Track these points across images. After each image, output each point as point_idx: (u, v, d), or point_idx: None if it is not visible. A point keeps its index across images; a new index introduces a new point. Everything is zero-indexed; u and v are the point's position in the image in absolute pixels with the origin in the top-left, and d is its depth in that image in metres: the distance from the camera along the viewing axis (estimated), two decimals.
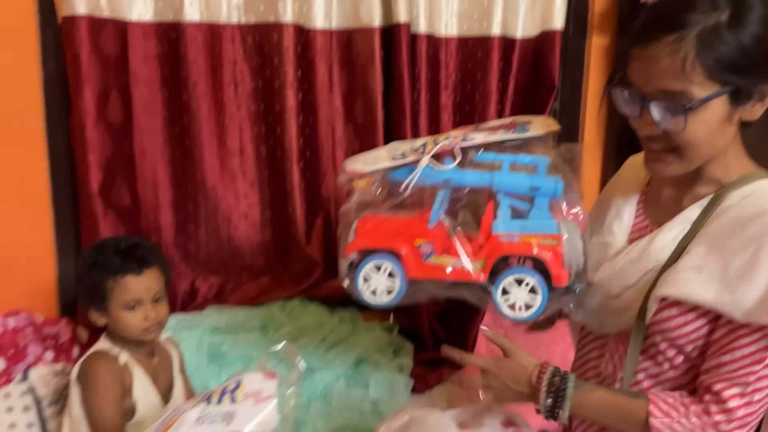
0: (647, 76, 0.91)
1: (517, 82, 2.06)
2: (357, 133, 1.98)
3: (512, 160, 1.02)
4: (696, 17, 0.86)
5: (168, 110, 1.85)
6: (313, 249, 1.99)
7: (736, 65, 0.87)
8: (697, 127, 0.90)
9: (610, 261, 1.04)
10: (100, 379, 1.37)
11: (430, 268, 1.02)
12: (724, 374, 0.91)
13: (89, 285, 1.37)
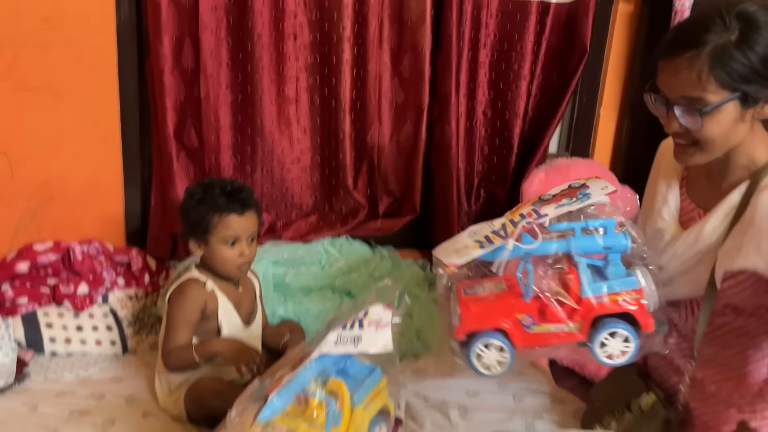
0: (671, 84, 1.10)
1: (549, 44, 2.21)
2: (402, 86, 2.13)
3: (583, 225, 1.13)
4: (710, 37, 1.05)
5: (232, 58, 1.97)
6: (359, 193, 2.17)
7: (743, 76, 1.05)
8: (712, 126, 1.10)
9: (671, 246, 1.24)
10: (185, 300, 1.56)
11: (534, 337, 1.14)
12: None
13: (195, 218, 1.54)
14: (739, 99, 1.08)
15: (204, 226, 1.54)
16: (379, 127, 2.15)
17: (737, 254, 1.12)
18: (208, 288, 1.59)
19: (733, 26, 1.05)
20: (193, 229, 1.56)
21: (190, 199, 1.56)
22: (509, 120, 2.22)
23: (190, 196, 1.56)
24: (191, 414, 1.51)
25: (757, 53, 1.05)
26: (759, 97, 1.08)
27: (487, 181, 2.30)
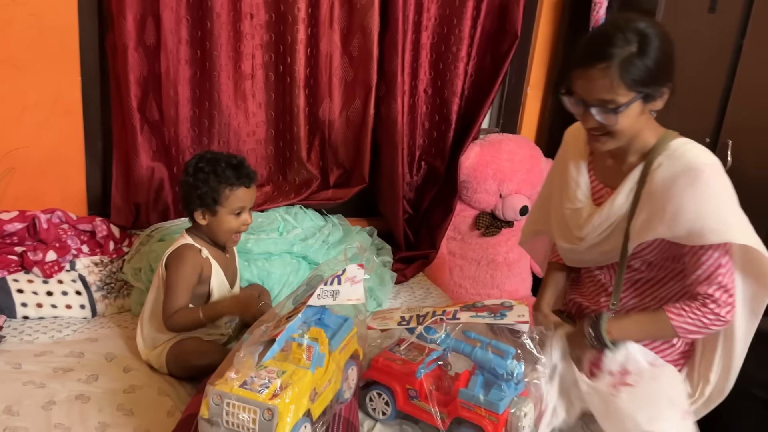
0: (588, 90, 1.34)
1: (484, 29, 2.42)
2: (352, 65, 2.28)
3: (488, 342, 1.39)
4: (616, 51, 1.29)
5: (192, 36, 2.07)
6: (312, 165, 2.33)
7: (645, 80, 1.30)
8: (623, 120, 1.35)
9: (588, 221, 1.50)
10: (184, 265, 1.66)
11: (413, 407, 1.45)
12: (703, 281, 1.37)
13: (205, 190, 1.63)
14: (642, 99, 1.34)
15: (214, 198, 1.64)
16: (330, 103, 2.31)
17: (646, 228, 1.39)
18: (203, 254, 1.70)
19: (632, 40, 1.29)
20: (202, 201, 1.64)
21: (198, 173, 1.64)
22: (448, 98, 2.42)
23: (198, 170, 1.64)
24: (172, 370, 1.65)
25: (652, 60, 1.30)
26: (656, 95, 1.35)
27: (427, 153, 2.50)
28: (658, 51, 1.31)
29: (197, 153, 1.76)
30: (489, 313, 1.44)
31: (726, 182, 1.39)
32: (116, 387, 1.59)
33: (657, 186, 1.38)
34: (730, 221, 1.35)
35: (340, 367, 1.35)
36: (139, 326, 1.75)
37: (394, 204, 2.39)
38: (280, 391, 1.17)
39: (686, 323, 1.39)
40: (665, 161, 1.39)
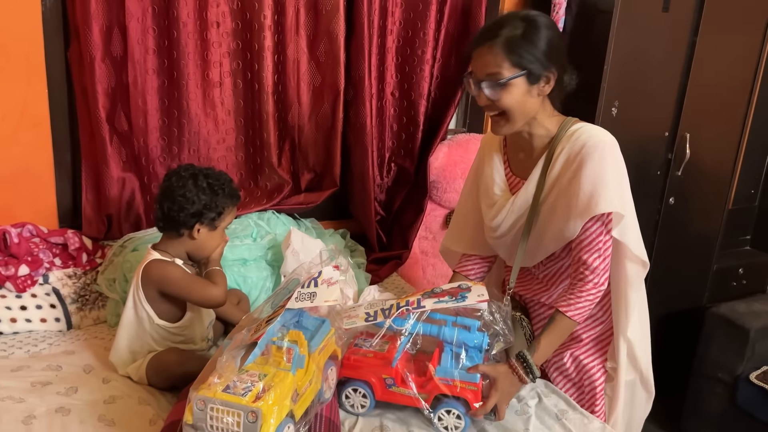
0: (479, 66, 1.47)
1: (448, 31, 2.47)
2: (319, 70, 2.31)
3: (454, 320, 1.49)
4: (503, 31, 1.43)
5: (158, 45, 2.07)
6: (283, 169, 2.35)
7: (527, 60, 1.43)
8: (507, 97, 1.46)
9: (505, 209, 1.62)
10: (171, 271, 1.64)
11: (392, 394, 1.49)
12: (584, 248, 1.51)
13: (211, 205, 1.63)
14: (525, 76, 1.45)
15: (218, 214, 1.65)
16: (299, 108, 2.33)
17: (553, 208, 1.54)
18: (178, 263, 1.68)
19: (519, 26, 1.44)
20: (204, 216, 1.64)
21: (207, 188, 1.63)
22: (415, 100, 2.47)
23: (207, 186, 1.64)
24: (152, 381, 1.65)
25: (536, 44, 1.44)
26: (539, 75, 1.46)
27: (397, 155, 2.54)
28: (543, 38, 1.45)
29: (186, 166, 1.71)
30: (450, 297, 1.52)
31: (620, 159, 1.53)
32: (96, 398, 1.59)
33: (560, 168, 1.52)
34: (621, 193, 1.49)
35: (320, 367, 1.38)
36: (116, 342, 1.73)
37: (366, 206, 2.43)
38: (263, 394, 1.20)
39: (578, 309, 1.54)
40: (567, 144, 1.53)
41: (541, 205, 1.57)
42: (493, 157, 1.69)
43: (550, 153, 1.55)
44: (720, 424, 2.53)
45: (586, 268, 1.52)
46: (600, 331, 1.72)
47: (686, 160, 2.59)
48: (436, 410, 1.46)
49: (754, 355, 2.44)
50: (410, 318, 1.47)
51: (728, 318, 2.49)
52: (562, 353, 1.75)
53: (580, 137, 1.51)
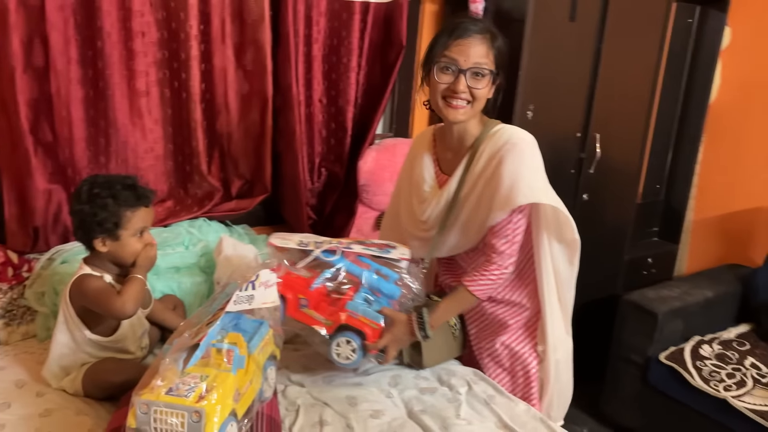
0: (467, 55, 1.59)
1: (371, 40, 2.56)
2: (247, 78, 2.35)
3: (378, 268, 1.65)
4: (491, 29, 1.63)
5: (82, 56, 2.06)
6: (213, 177, 2.37)
7: (499, 60, 1.63)
8: (484, 87, 1.62)
9: (434, 201, 1.78)
10: (95, 287, 1.63)
11: (302, 314, 1.61)
12: (495, 234, 1.68)
13: (105, 215, 1.60)
14: (495, 76, 1.64)
15: (116, 222, 1.61)
16: (227, 116, 2.36)
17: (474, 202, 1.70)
18: (107, 280, 1.67)
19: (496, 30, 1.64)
20: (102, 227, 1.61)
21: (95, 199, 1.60)
22: (342, 106, 2.54)
23: (94, 196, 1.60)
24: (90, 392, 1.64)
25: (504, 50, 1.64)
26: (497, 77, 1.65)
27: (326, 160, 2.61)
28: (505, 47, 1.66)
29: (85, 179, 1.70)
30: (377, 249, 1.69)
31: (537, 156, 1.68)
32: (31, 412, 1.58)
33: (483, 165, 1.68)
34: (538, 185, 1.65)
35: (259, 367, 1.43)
36: (51, 354, 1.71)
37: (298, 211, 2.48)
38: (206, 394, 1.24)
39: (481, 286, 1.70)
40: (488, 144, 1.68)
41: (464, 199, 1.71)
42: (424, 157, 1.82)
43: (474, 151, 1.70)
44: (635, 402, 2.72)
45: (494, 252, 1.68)
46: (527, 317, 1.85)
47: (597, 158, 2.77)
48: (335, 338, 1.60)
49: (662, 337, 2.64)
50: (338, 254, 1.64)
51: (639, 304, 2.68)
52: (493, 341, 1.86)
53: (502, 136, 1.67)
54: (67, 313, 1.68)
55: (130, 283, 1.63)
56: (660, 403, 2.61)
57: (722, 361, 2.57)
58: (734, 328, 2.82)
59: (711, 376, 2.47)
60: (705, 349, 2.64)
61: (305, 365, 1.86)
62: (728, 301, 2.89)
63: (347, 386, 1.75)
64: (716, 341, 2.71)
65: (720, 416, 2.36)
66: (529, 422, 1.65)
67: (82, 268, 1.69)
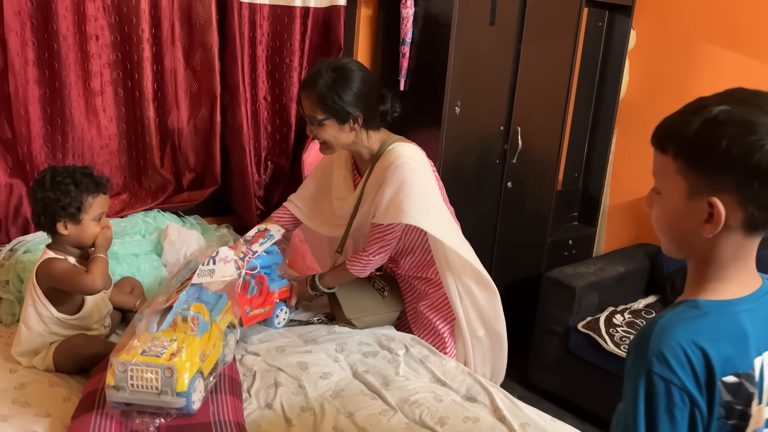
0: (303, 107, 1.93)
1: (312, 42, 2.76)
2: (196, 78, 2.51)
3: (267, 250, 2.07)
4: (319, 81, 1.87)
5: (39, 57, 2.19)
6: (166, 170, 2.53)
7: (332, 107, 1.87)
8: (324, 132, 1.93)
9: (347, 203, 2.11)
10: (56, 265, 1.77)
11: (252, 317, 2.00)
12: (372, 232, 2.02)
13: (67, 201, 1.74)
14: (334, 118, 1.89)
15: (78, 207, 1.76)
16: (178, 113, 2.52)
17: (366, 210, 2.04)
18: (71, 262, 1.82)
19: (329, 76, 1.87)
20: (65, 211, 1.75)
21: (59, 186, 1.74)
22: (286, 103, 2.73)
23: (57, 183, 1.75)
24: (61, 366, 1.79)
25: (342, 93, 1.87)
26: (346, 117, 1.90)
27: (272, 154, 2.80)
28: (349, 87, 1.87)
29: (45, 169, 1.83)
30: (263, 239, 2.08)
31: (421, 177, 1.95)
32: (6, 386, 1.71)
33: (374, 179, 1.99)
34: (408, 207, 1.90)
35: (221, 333, 1.62)
36: (18, 337, 1.84)
37: (246, 201, 2.66)
38: (176, 353, 1.43)
39: (353, 265, 2.06)
40: (381, 160, 1.99)
41: (360, 207, 2.06)
42: (343, 159, 2.13)
43: (372, 165, 2.00)
44: (557, 369, 3.02)
45: (369, 246, 2.03)
46: (435, 298, 2.17)
47: (519, 149, 3.05)
48: (275, 313, 2.09)
49: (580, 308, 2.95)
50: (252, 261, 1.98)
51: (559, 280, 2.98)
52: (415, 306, 2.19)
53: (389, 158, 1.94)
54: (34, 295, 1.82)
55: (95, 262, 1.79)
56: (579, 367, 2.91)
57: (632, 328, 2.89)
58: (643, 299, 3.16)
59: (622, 341, 2.79)
60: (617, 318, 2.96)
61: (260, 338, 2.05)
62: (638, 276, 3.23)
63: (298, 353, 1.96)
64: (627, 311, 3.03)
65: None
66: (458, 376, 1.89)
67: (46, 253, 1.83)
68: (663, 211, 1.01)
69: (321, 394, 1.78)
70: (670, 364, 0.90)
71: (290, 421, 1.65)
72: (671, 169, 0.97)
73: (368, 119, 1.94)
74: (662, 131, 1.01)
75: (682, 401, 0.91)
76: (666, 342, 0.92)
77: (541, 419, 1.70)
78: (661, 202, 1.01)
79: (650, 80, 3.52)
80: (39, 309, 1.82)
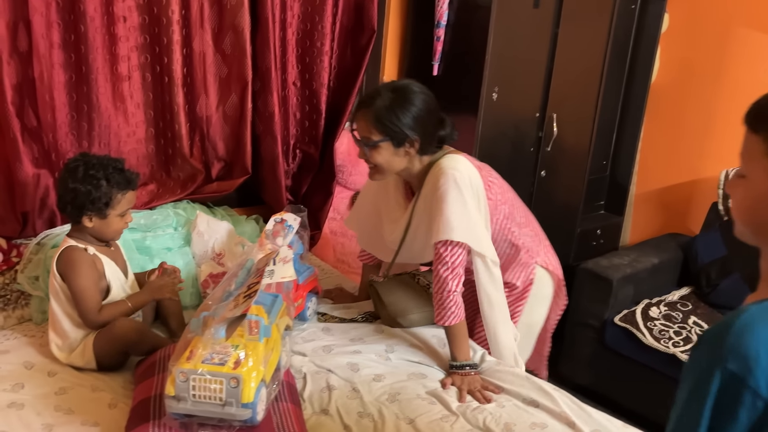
0: (358, 128, 1.80)
1: (342, 24, 2.63)
2: (225, 62, 2.39)
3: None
4: (376, 102, 1.76)
5: (64, 40, 2.06)
6: (195, 159, 2.41)
7: (390, 129, 1.75)
8: (377, 155, 1.79)
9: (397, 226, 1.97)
10: (81, 265, 1.73)
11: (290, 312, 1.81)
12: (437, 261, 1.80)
13: (97, 195, 1.69)
14: (390, 141, 1.76)
15: (107, 203, 1.71)
16: (206, 100, 2.40)
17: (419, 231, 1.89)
18: (90, 252, 1.76)
19: (388, 96, 1.76)
20: (94, 205, 1.70)
21: (90, 179, 1.69)
22: (316, 89, 2.62)
23: (90, 177, 1.69)
24: (103, 359, 1.71)
25: (398, 116, 1.75)
26: (403, 141, 1.77)
27: (301, 142, 2.68)
28: (408, 110, 1.75)
29: (76, 156, 1.79)
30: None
31: (467, 189, 1.79)
32: (46, 391, 1.62)
33: (423, 197, 1.86)
34: (453, 224, 1.76)
35: (280, 335, 1.53)
36: (51, 334, 1.77)
37: (277, 192, 2.55)
38: (242, 361, 1.33)
39: (449, 316, 1.80)
40: (429, 176, 1.84)
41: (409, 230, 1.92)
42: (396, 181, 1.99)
43: (421, 184, 1.87)
44: (591, 363, 2.95)
45: (439, 279, 1.81)
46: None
47: (554, 137, 2.96)
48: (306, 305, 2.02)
49: (617, 301, 2.87)
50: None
51: (595, 272, 2.90)
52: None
53: (436, 174, 1.81)
54: (57, 285, 1.75)
55: (119, 308, 1.75)
56: (614, 361, 2.84)
57: (669, 321, 2.82)
58: (677, 291, 3.09)
59: (661, 334, 2.72)
60: (653, 311, 2.89)
61: (303, 337, 1.96)
62: (671, 267, 3.15)
63: (347, 354, 1.87)
64: (662, 303, 2.96)
65: (669, 370, 2.61)
66: (516, 380, 1.81)
67: (66, 241, 1.78)
68: (745, 194, 0.94)
69: (377, 398, 1.69)
70: (748, 364, 0.83)
71: (349, 428, 1.57)
72: (760, 150, 0.90)
73: (425, 144, 1.81)
74: (758, 109, 0.93)
75: (752, 404, 0.83)
76: (747, 340, 0.84)
77: (612, 425, 1.62)
78: (744, 186, 0.94)
79: (682, 65, 3.42)
80: (60, 298, 1.75)
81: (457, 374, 1.79)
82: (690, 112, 3.39)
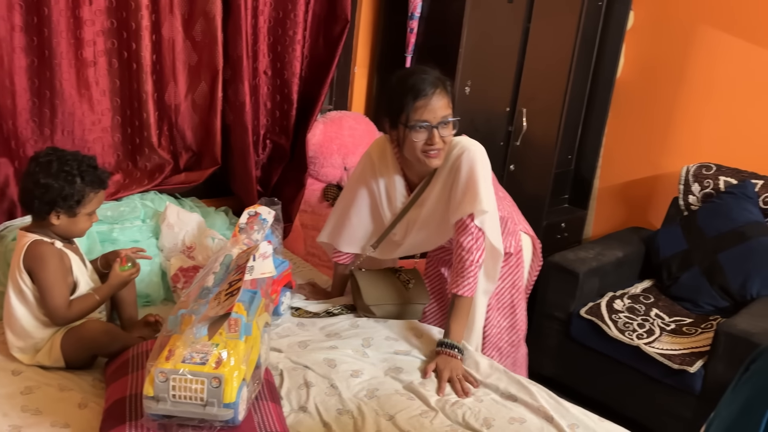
0: (435, 110, 1.74)
1: (315, 13, 2.59)
2: (195, 49, 2.32)
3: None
4: (442, 80, 1.78)
5: (27, 22, 1.96)
6: (163, 149, 2.34)
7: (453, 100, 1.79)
8: (450, 134, 1.79)
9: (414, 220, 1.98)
10: (50, 259, 1.64)
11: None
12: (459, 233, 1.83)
13: (69, 192, 1.61)
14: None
15: (78, 200, 1.63)
16: (175, 88, 2.33)
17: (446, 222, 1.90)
18: (57, 246, 1.68)
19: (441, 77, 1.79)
20: (65, 202, 1.62)
21: (65, 176, 1.61)
22: (288, 79, 2.57)
23: (63, 173, 1.61)
24: (71, 358, 1.65)
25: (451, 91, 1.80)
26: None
27: (272, 132, 2.63)
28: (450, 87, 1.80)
29: (47, 151, 1.69)
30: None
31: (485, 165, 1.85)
32: (11, 391, 1.55)
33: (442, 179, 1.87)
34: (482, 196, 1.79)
35: (259, 333, 1.49)
36: (10, 336, 1.68)
37: (247, 183, 2.50)
38: (224, 360, 1.30)
39: (467, 286, 1.83)
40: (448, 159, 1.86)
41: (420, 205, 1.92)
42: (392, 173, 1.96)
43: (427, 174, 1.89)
44: (556, 354, 3.00)
45: (463, 250, 1.82)
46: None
47: (523, 131, 2.98)
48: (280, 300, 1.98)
49: (582, 294, 2.92)
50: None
51: (561, 265, 2.94)
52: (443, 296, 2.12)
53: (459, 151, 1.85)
54: (22, 282, 1.66)
55: (87, 301, 1.69)
56: (580, 352, 2.89)
57: (632, 314, 2.88)
58: (640, 284, 3.16)
59: (625, 327, 2.77)
60: (618, 304, 2.95)
61: (278, 333, 1.93)
62: (634, 260, 3.22)
63: (323, 350, 1.85)
64: (626, 296, 3.02)
65: (633, 362, 2.67)
66: (493, 373, 1.82)
67: (26, 236, 1.68)
68: None
69: (355, 394, 1.68)
70: None
71: (329, 426, 1.55)
72: None
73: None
74: None
75: None
76: None
77: (589, 419, 1.64)
78: None
79: (645, 62, 3.48)
80: (26, 296, 1.66)
81: (444, 354, 1.79)
82: (653, 108, 3.46)
